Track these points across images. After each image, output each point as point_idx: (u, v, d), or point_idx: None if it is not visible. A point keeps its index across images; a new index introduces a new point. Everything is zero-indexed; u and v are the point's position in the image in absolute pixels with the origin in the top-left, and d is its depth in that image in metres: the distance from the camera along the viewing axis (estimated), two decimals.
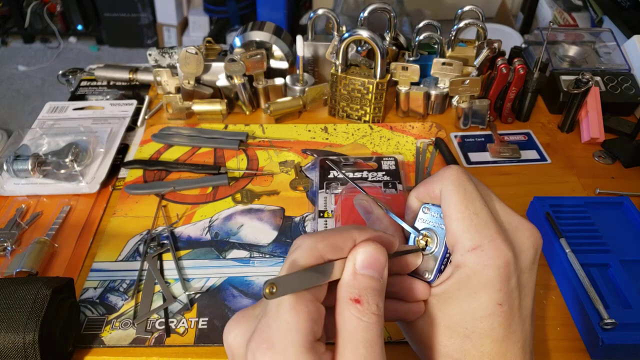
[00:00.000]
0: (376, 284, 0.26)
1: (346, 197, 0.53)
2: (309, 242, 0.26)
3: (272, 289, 0.23)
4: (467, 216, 0.29)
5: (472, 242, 0.28)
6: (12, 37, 2.65)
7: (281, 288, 0.24)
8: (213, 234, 0.55)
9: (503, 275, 0.28)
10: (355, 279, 0.26)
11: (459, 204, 0.29)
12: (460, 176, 0.30)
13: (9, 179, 0.61)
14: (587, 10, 1.36)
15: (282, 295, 0.24)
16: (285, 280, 0.24)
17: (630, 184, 0.62)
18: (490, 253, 0.28)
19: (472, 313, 0.28)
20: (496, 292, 0.28)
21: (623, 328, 0.43)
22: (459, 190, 0.30)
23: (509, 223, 0.30)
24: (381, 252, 0.27)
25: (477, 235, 0.28)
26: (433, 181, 0.32)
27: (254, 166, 0.64)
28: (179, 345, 0.44)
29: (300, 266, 0.25)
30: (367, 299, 0.25)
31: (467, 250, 0.28)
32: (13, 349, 0.38)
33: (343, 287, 0.26)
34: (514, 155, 0.66)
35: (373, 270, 0.27)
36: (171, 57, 0.78)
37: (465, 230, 0.28)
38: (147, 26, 2.50)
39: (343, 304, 0.26)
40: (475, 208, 0.29)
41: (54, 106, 0.74)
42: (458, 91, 0.68)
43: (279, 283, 0.23)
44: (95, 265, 0.52)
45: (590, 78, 0.65)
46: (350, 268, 0.27)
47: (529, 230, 0.30)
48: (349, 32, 0.64)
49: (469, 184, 0.30)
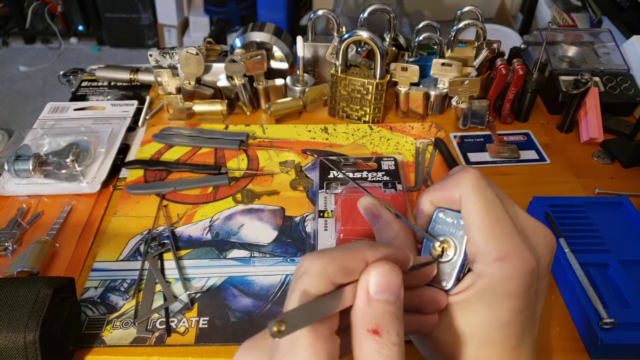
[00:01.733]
0: (393, 309, 0.24)
1: (346, 197, 0.53)
2: (318, 265, 0.24)
3: (281, 327, 0.20)
4: (490, 224, 0.28)
5: (496, 252, 0.27)
6: (13, 38, 2.65)
7: (290, 324, 0.21)
8: (214, 233, 0.55)
9: (527, 285, 0.27)
10: (370, 305, 0.24)
11: (481, 212, 0.28)
12: (480, 181, 0.29)
13: (10, 179, 0.61)
14: (586, 11, 1.37)
15: (292, 331, 0.21)
16: (294, 314, 0.22)
17: (629, 184, 0.63)
18: (515, 263, 0.27)
19: (491, 321, 0.28)
20: (518, 300, 0.27)
21: (622, 328, 0.43)
22: (480, 197, 0.28)
23: (526, 228, 0.29)
24: (396, 272, 0.25)
25: (502, 244, 0.27)
26: (450, 186, 0.30)
27: (254, 166, 0.65)
28: (179, 345, 0.45)
29: (311, 295, 0.23)
30: (386, 329, 0.23)
31: (492, 261, 0.27)
32: (14, 349, 0.38)
33: (358, 315, 0.24)
34: (513, 155, 0.66)
35: (388, 293, 0.24)
36: (172, 57, 0.78)
37: (489, 240, 0.27)
38: (148, 27, 2.51)
39: (360, 336, 0.23)
40: (497, 215, 0.28)
41: (55, 106, 0.74)
42: (457, 91, 0.68)
43: (287, 319, 0.21)
44: (96, 265, 0.52)
45: (589, 78, 0.65)
46: (363, 294, 0.24)
47: (545, 235, 0.29)
48: (349, 33, 0.64)
49: (489, 189, 0.29)
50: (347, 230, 0.50)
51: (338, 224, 0.52)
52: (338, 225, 0.52)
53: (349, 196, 0.53)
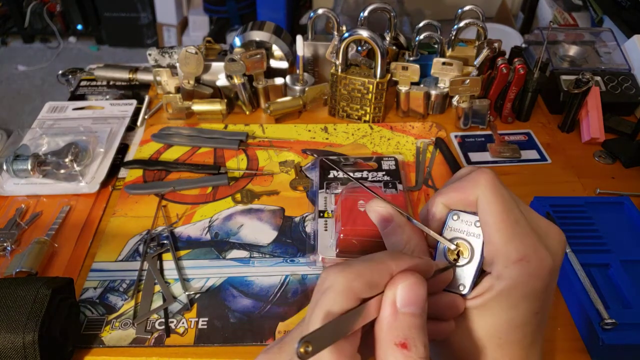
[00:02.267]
0: (419, 321, 0.24)
1: (346, 197, 0.53)
2: (343, 282, 0.23)
3: (308, 347, 0.20)
4: (509, 225, 0.27)
5: (517, 253, 0.27)
6: (12, 37, 2.65)
7: (316, 345, 0.21)
8: (213, 234, 0.55)
9: (545, 285, 0.27)
10: (397, 319, 0.23)
11: (501, 213, 0.27)
12: (495, 182, 0.28)
13: (9, 179, 0.61)
14: (587, 10, 1.36)
15: (318, 352, 0.21)
16: (321, 334, 0.21)
17: (631, 184, 0.62)
18: (536, 264, 0.27)
19: (509, 323, 0.27)
20: (536, 301, 0.27)
21: (623, 328, 0.43)
22: (498, 198, 0.27)
23: (539, 228, 0.29)
24: (422, 284, 0.25)
25: (522, 245, 0.27)
26: (466, 187, 0.29)
27: (254, 166, 0.64)
28: (178, 346, 0.44)
29: (337, 313, 0.23)
30: (413, 342, 0.23)
31: (513, 262, 0.27)
32: (13, 349, 0.37)
33: (384, 329, 0.24)
34: (514, 155, 0.66)
35: (415, 306, 0.24)
36: (171, 57, 0.78)
37: (509, 241, 0.27)
38: (147, 26, 2.50)
39: (387, 350, 0.23)
40: (515, 216, 0.27)
41: (53, 106, 0.74)
42: (458, 91, 0.68)
43: (313, 340, 0.20)
44: (95, 265, 0.52)
45: (590, 78, 0.65)
46: (389, 307, 0.24)
47: (558, 234, 0.29)
48: (349, 32, 0.64)
49: (505, 189, 0.28)
50: (347, 230, 0.50)
51: (338, 224, 0.52)
52: (338, 226, 0.52)
53: (349, 196, 0.53)
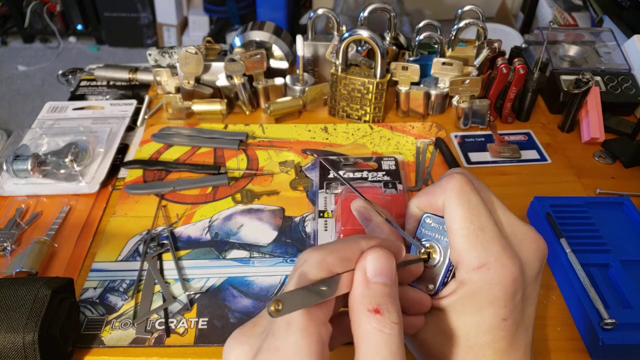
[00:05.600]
0: (390, 290, 0.25)
1: (346, 197, 0.53)
2: (317, 256, 0.25)
3: (278, 306, 0.22)
4: (472, 232, 0.27)
5: (478, 260, 0.27)
6: (12, 37, 2.65)
7: (287, 305, 0.22)
8: (213, 234, 0.55)
9: (509, 293, 0.27)
10: (369, 287, 0.25)
11: (464, 219, 0.28)
12: (464, 187, 0.29)
13: (9, 179, 0.61)
14: (587, 10, 1.36)
15: (289, 312, 0.22)
16: (293, 296, 0.22)
17: (631, 184, 0.62)
18: (497, 271, 0.27)
19: (476, 327, 0.28)
20: (501, 308, 0.27)
21: (623, 328, 0.43)
22: (464, 204, 0.28)
23: (514, 234, 0.29)
24: (390, 257, 0.26)
25: (483, 252, 0.27)
26: (436, 191, 0.30)
27: (254, 166, 0.64)
28: (178, 346, 0.44)
29: (310, 280, 0.24)
30: (386, 307, 0.24)
31: (473, 269, 0.27)
32: (13, 349, 0.37)
33: (357, 298, 0.25)
34: (514, 155, 0.66)
35: (385, 276, 0.25)
36: (171, 57, 0.78)
37: (471, 248, 0.27)
38: (147, 26, 2.50)
39: (361, 316, 0.24)
40: (480, 223, 0.28)
41: (53, 106, 0.74)
42: (458, 91, 0.68)
43: (285, 299, 0.22)
44: (95, 265, 0.52)
45: (590, 78, 0.65)
46: (361, 277, 0.25)
47: (534, 242, 0.29)
48: (349, 32, 0.64)
49: (474, 195, 0.28)
50: (347, 230, 0.50)
51: (338, 224, 0.52)
52: (338, 226, 0.52)
53: (349, 196, 0.53)
